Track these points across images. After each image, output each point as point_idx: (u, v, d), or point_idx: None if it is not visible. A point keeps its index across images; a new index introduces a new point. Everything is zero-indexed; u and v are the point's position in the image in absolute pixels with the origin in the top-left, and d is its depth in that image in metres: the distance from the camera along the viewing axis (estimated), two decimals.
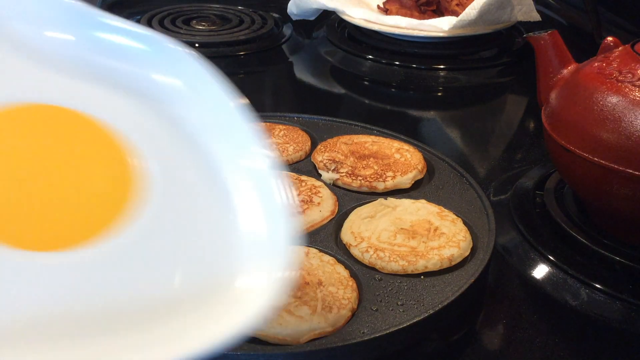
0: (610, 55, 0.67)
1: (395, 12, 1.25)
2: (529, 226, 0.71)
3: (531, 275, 0.65)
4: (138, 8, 1.40)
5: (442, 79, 1.15)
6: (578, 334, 0.59)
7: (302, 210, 0.65)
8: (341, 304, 0.54)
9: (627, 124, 0.60)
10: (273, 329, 0.51)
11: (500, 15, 1.16)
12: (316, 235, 0.63)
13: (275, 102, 1.12)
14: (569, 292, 0.63)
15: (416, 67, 1.15)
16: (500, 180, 0.81)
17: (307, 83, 1.16)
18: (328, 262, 0.59)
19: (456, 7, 1.25)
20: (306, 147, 0.79)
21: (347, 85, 1.13)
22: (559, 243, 0.68)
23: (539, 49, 0.73)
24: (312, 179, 0.72)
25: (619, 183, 0.61)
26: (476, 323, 0.60)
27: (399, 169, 0.73)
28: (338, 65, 1.19)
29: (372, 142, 0.79)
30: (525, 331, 0.58)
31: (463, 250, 0.61)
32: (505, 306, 0.61)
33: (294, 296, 0.54)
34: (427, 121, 1.03)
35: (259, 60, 1.21)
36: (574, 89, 0.67)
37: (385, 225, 0.63)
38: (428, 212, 0.65)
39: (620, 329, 0.59)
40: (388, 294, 0.56)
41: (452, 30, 1.14)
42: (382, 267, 0.59)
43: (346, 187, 0.71)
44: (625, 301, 0.61)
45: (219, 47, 1.21)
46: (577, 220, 0.70)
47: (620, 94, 0.62)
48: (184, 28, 1.26)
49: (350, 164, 0.74)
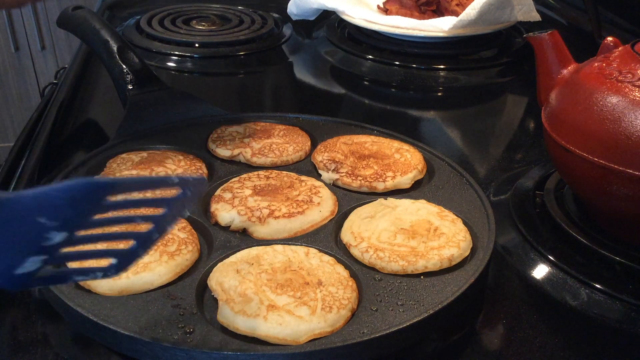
0: (610, 55, 0.67)
1: (395, 12, 1.25)
2: (529, 226, 0.71)
3: (531, 275, 0.65)
4: (138, 8, 1.40)
5: (442, 79, 1.15)
6: (578, 334, 0.59)
7: (302, 210, 0.65)
8: (341, 304, 0.54)
9: (627, 124, 0.60)
10: (273, 328, 0.51)
11: (500, 15, 1.16)
12: (316, 235, 0.63)
13: (275, 102, 1.12)
14: (569, 292, 0.63)
15: (416, 67, 1.15)
16: (500, 180, 0.81)
17: (307, 83, 1.16)
18: (328, 262, 0.59)
19: (456, 7, 1.25)
20: (306, 147, 0.79)
21: (347, 85, 1.13)
22: (559, 243, 0.68)
23: (539, 49, 0.73)
24: (312, 179, 0.72)
25: (619, 183, 0.61)
26: (476, 323, 0.60)
27: (399, 169, 0.73)
28: (338, 65, 1.19)
29: (372, 142, 0.79)
30: (525, 331, 0.58)
31: (463, 250, 0.61)
32: (505, 306, 0.61)
33: (293, 296, 0.54)
34: (427, 121, 1.03)
35: (259, 60, 1.21)
36: (574, 89, 0.67)
37: (385, 226, 0.63)
38: (428, 212, 0.65)
39: (620, 329, 0.59)
40: (388, 294, 0.56)
41: (452, 30, 1.14)
42: (382, 267, 0.59)
43: (346, 187, 0.71)
44: (625, 301, 0.61)
45: (219, 47, 1.21)
46: (577, 220, 0.70)
47: (620, 94, 0.62)
48: (184, 28, 1.26)
49: (350, 164, 0.74)
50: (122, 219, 0.46)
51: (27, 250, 0.42)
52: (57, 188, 0.42)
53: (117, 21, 1.35)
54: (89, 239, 0.46)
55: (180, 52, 1.18)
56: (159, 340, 0.50)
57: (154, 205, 0.49)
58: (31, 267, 0.42)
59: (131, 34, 1.23)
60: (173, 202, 0.47)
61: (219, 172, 0.74)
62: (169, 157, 0.74)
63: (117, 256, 0.47)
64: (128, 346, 0.51)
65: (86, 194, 0.42)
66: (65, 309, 0.53)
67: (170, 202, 0.47)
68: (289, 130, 0.82)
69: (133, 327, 0.51)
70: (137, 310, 0.53)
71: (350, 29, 1.28)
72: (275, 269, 0.57)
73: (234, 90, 1.14)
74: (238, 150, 0.77)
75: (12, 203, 0.41)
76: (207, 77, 1.16)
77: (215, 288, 0.55)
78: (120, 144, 0.77)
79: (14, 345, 0.55)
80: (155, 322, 0.52)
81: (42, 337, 0.55)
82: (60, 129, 0.93)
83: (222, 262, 0.58)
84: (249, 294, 0.54)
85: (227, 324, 0.52)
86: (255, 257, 0.58)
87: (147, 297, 0.54)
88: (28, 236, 0.41)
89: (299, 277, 0.56)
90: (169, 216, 0.47)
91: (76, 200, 0.41)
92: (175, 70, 1.15)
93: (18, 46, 2.39)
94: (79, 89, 1.07)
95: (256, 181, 0.70)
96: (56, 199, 0.41)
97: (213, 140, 0.79)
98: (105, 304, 0.53)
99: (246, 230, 0.64)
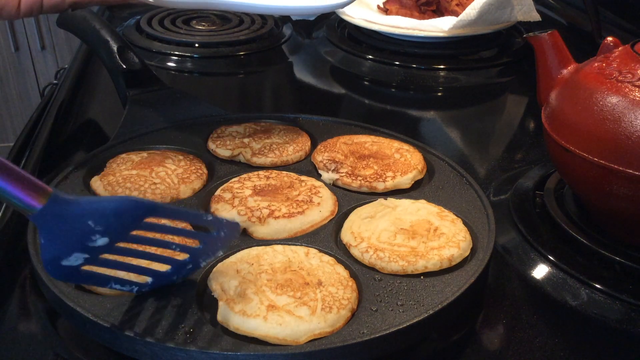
0: (610, 55, 0.67)
1: (395, 12, 1.25)
2: (529, 226, 0.71)
3: (531, 275, 0.65)
4: (138, 8, 1.40)
5: (442, 79, 1.15)
6: (578, 334, 0.59)
7: (302, 210, 0.65)
8: (341, 304, 0.54)
9: (627, 124, 0.60)
10: (273, 329, 0.51)
11: (500, 15, 1.16)
12: (316, 235, 0.63)
13: (275, 102, 1.12)
14: (569, 292, 0.63)
15: (416, 67, 1.15)
16: (500, 180, 0.81)
17: (307, 83, 1.16)
18: (328, 262, 0.59)
19: (456, 7, 1.25)
20: (306, 147, 0.79)
21: (347, 85, 1.13)
22: (559, 243, 0.68)
23: (539, 49, 0.73)
24: (312, 179, 0.72)
25: (619, 183, 0.61)
26: (476, 323, 0.60)
27: (399, 169, 0.73)
28: (338, 65, 1.19)
29: (372, 142, 0.79)
30: (525, 331, 0.58)
31: (463, 250, 0.61)
32: (505, 306, 0.61)
33: (293, 296, 0.54)
34: (427, 121, 1.03)
35: (259, 60, 1.21)
36: (574, 89, 0.67)
37: (385, 226, 0.63)
38: (428, 212, 0.65)
39: (620, 329, 0.59)
40: (388, 294, 0.56)
41: (452, 30, 1.14)
42: (382, 267, 0.59)
43: (346, 187, 0.71)
44: (625, 301, 0.61)
45: (219, 47, 1.21)
46: (577, 220, 0.70)
47: (620, 94, 0.62)
48: (184, 28, 1.26)
49: (350, 164, 0.74)
50: (161, 243, 0.54)
51: (74, 245, 0.49)
52: (107, 199, 0.54)
53: (117, 21, 1.35)
54: (129, 252, 0.52)
55: (180, 52, 1.18)
56: (159, 340, 0.50)
57: (192, 237, 0.58)
58: (74, 261, 0.50)
59: (131, 34, 1.23)
60: (208, 239, 0.55)
61: (219, 172, 0.74)
62: (169, 157, 0.74)
63: (154, 276, 0.54)
64: (128, 346, 0.51)
65: (129, 209, 0.50)
66: (65, 309, 0.53)
67: (206, 239, 0.55)
68: (289, 130, 0.82)
69: (133, 327, 0.51)
70: (137, 310, 0.53)
71: (350, 29, 1.28)
72: (275, 269, 0.57)
73: (234, 90, 1.14)
74: (238, 150, 0.77)
75: (72, 203, 0.49)
76: (207, 77, 1.16)
77: (215, 288, 0.55)
78: (120, 144, 0.77)
79: (14, 345, 0.55)
80: (155, 322, 0.52)
81: (41, 337, 0.55)
82: (60, 129, 0.93)
83: (222, 262, 0.58)
84: (249, 294, 0.54)
85: (227, 324, 0.52)
86: (255, 257, 0.58)
87: (147, 297, 0.54)
88: (77, 234, 0.49)
89: (299, 277, 0.56)
90: (203, 252, 0.55)
91: (120, 213, 0.49)
92: (175, 70, 1.15)
93: (18, 46, 2.39)
94: (79, 89, 1.07)
95: (256, 181, 0.70)
96: (105, 208, 0.49)
97: (213, 140, 0.79)
98: (105, 304, 0.53)
99: (246, 230, 0.64)
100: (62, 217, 0.48)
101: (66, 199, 0.48)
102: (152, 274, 0.54)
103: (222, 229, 0.54)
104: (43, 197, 0.47)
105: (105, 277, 0.53)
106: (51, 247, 0.49)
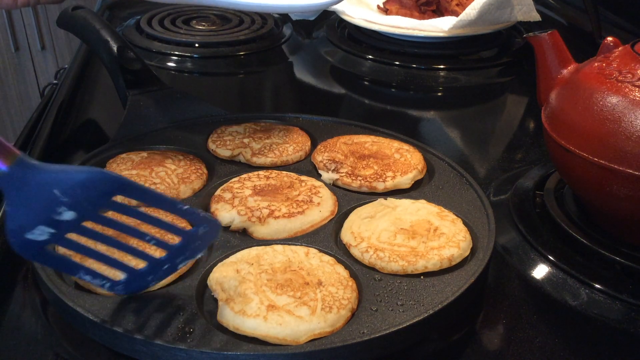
0: (610, 55, 0.67)
1: (395, 12, 1.25)
2: (529, 226, 0.71)
3: (531, 275, 0.65)
4: (138, 8, 1.40)
5: (442, 79, 1.15)
6: (578, 334, 0.59)
7: (302, 210, 0.65)
8: (341, 304, 0.54)
9: (627, 124, 0.60)
10: (273, 329, 0.51)
11: (500, 15, 1.16)
12: (316, 235, 0.63)
13: (275, 102, 1.12)
14: (569, 292, 0.63)
15: (416, 67, 1.15)
16: (500, 180, 0.81)
17: (307, 83, 1.16)
18: (328, 262, 0.59)
19: (456, 7, 1.25)
20: (306, 147, 0.79)
21: (347, 85, 1.13)
22: (558, 243, 0.68)
23: (539, 49, 0.73)
24: (312, 179, 0.72)
25: (619, 183, 0.61)
26: (476, 323, 0.60)
27: (399, 169, 0.73)
28: (338, 65, 1.19)
29: (372, 142, 0.79)
30: (525, 331, 0.58)
31: (463, 250, 0.61)
32: (505, 306, 0.61)
33: (293, 296, 0.54)
34: (427, 121, 1.03)
35: (259, 60, 1.21)
36: (574, 89, 0.67)
37: (385, 226, 0.63)
38: (428, 212, 0.65)
39: (620, 329, 0.59)
40: (388, 294, 0.56)
41: (452, 30, 1.14)
42: (382, 267, 0.59)
43: (346, 187, 0.71)
44: (625, 301, 0.61)
45: (219, 47, 1.21)
46: (577, 220, 0.70)
47: (620, 94, 0.62)
48: (184, 28, 1.26)
49: (350, 164, 0.74)
50: (135, 232, 0.50)
51: (39, 216, 0.46)
52: (75, 169, 0.49)
53: (117, 21, 1.35)
54: (99, 237, 0.49)
55: (180, 52, 1.18)
56: (159, 340, 0.50)
57: (167, 229, 0.52)
58: (40, 236, 0.47)
59: (131, 34, 1.23)
60: (187, 235, 0.51)
61: (219, 172, 0.74)
62: (169, 157, 0.74)
63: (127, 272, 0.51)
64: (128, 346, 0.51)
65: (98, 181, 0.47)
66: (65, 309, 0.53)
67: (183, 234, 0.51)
68: (289, 130, 0.82)
69: (133, 327, 0.51)
70: (137, 310, 0.53)
71: (350, 29, 1.28)
72: (275, 269, 0.57)
73: (234, 90, 1.14)
74: (238, 150, 0.77)
75: (39, 169, 0.46)
76: (207, 77, 1.16)
77: (215, 288, 0.55)
78: (120, 144, 0.77)
79: (13, 345, 0.55)
80: (155, 322, 0.52)
81: (41, 337, 0.55)
82: (60, 129, 0.93)
83: (222, 262, 0.58)
84: (249, 294, 0.54)
85: (227, 324, 0.52)
86: (255, 257, 0.58)
87: (147, 297, 0.54)
88: (42, 203, 0.46)
89: (298, 277, 0.56)
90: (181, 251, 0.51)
91: (87, 184, 0.46)
92: (175, 70, 1.15)
93: (18, 46, 2.39)
94: (79, 89, 1.07)
95: (256, 181, 0.70)
96: (72, 178, 0.46)
97: (213, 140, 0.79)
98: (105, 304, 0.53)
99: (246, 230, 0.64)
100: (27, 183, 0.45)
101: (33, 163, 0.46)
102: (124, 268, 0.52)
103: (201, 225, 0.51)
104: (9, 159, 0.45)
105: (74, 263, 0.51)
106: (16, 215, 0.46)
